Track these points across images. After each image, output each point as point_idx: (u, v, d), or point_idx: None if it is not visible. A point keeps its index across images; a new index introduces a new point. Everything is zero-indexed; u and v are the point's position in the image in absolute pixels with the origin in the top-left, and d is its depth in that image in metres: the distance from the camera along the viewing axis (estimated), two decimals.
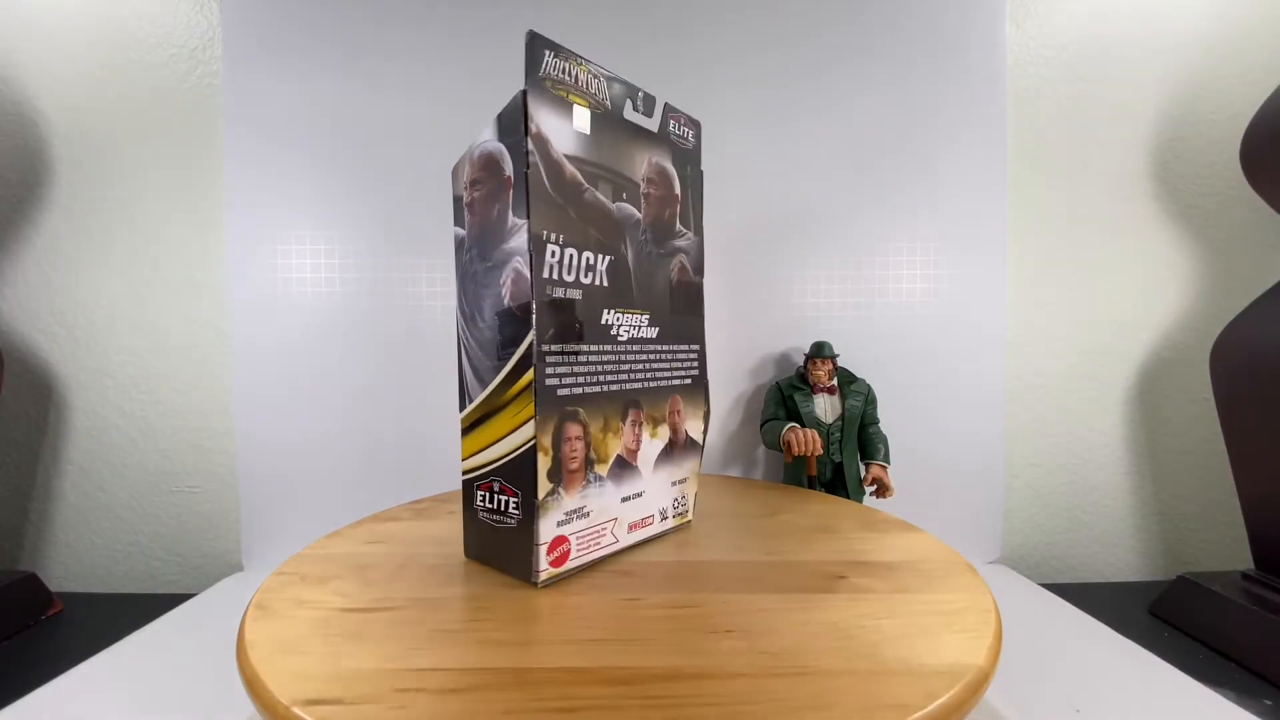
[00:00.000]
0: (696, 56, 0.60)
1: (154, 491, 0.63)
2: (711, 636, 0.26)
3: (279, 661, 0.24)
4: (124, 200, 0.61)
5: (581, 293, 0.31)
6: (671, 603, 0.29)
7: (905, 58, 0.61)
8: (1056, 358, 0.66)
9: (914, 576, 0.33)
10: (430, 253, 0.60)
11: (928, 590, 0.31)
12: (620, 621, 0.27)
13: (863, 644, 0.26)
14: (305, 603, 0.30)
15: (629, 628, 0.26)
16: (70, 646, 0.47)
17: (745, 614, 0.28)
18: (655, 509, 0.36)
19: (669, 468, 0.37)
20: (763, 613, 0.28)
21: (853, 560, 0.35)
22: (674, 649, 0.25)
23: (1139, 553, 0.67)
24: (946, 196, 0.62)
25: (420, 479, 0.59)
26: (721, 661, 0.24)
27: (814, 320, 0.62)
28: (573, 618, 0.27)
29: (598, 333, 0.32)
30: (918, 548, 0.37)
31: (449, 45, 0.60)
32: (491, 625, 0.27)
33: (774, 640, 0.26)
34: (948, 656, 0.24)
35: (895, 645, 0.25)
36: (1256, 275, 0.64)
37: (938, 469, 0.62)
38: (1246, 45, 0.64)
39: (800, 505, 0.46)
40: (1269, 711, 0.39)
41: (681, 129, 0.37)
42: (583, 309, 0.31)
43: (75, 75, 0.60)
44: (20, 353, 0.61)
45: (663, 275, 0.36)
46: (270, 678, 0.23)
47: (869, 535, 0.39)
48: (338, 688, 0.22)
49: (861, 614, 0.28)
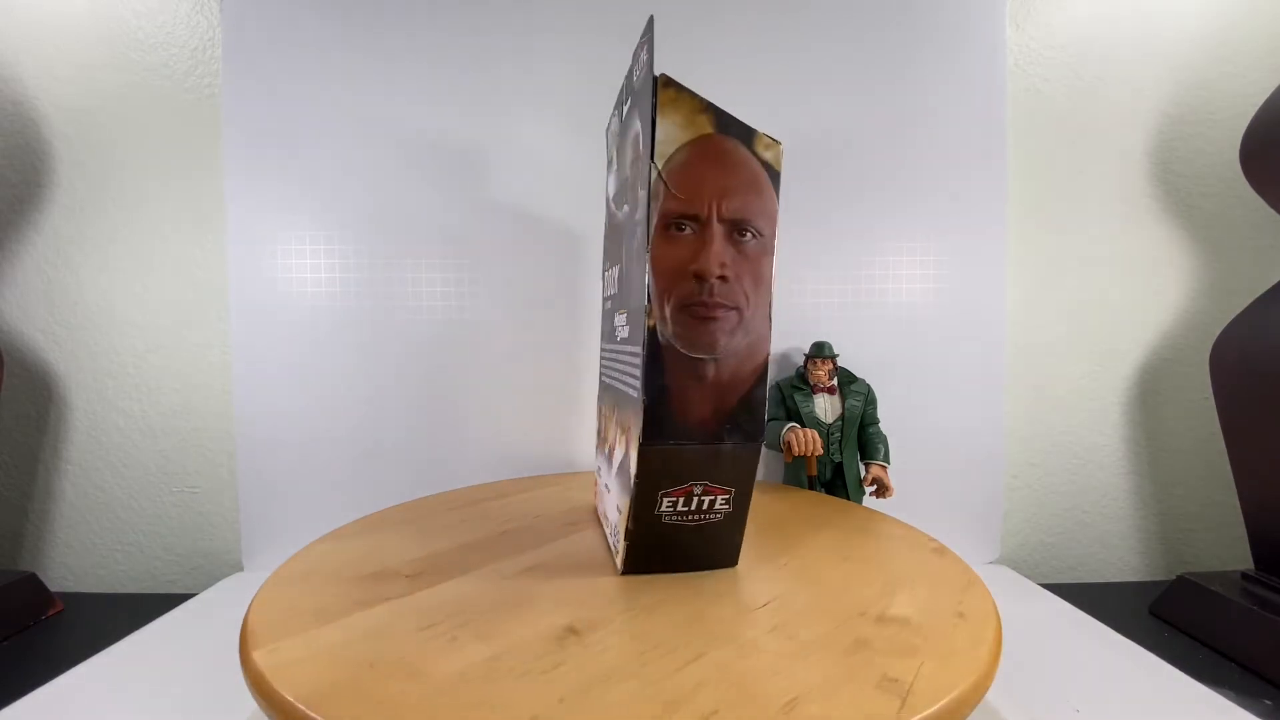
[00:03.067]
0: (693, 56, 0.60)
1: (154, 491, 0.63)
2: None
3: (282, 658, 0.24)
4: (124, 200, 0.61)
5: (609, 302, 0.34)
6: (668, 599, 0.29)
7: (905, 57, 0.61)
8: (1056, 358, 0.66)
9: (914, 576, 0.33)
10: (430, 253, 0.60)
11: (928, 590, 0.31)
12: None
13: (864, 645, 0.26)
14: (306, 602, 0.30)
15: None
16: (70, 646, 0.47)
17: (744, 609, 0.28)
18: (612, 526, 0.34)
19: (617, 489, 0.33)
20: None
21: (853, 560, 0.35)
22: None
23: (1139, 553, 0.67)
24: (946, 196, 0.62)
25: (420, 479, 0.59)
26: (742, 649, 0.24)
27: (814, 320, 0.62)
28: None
29: (608, 334, 0.35)
30: (917, 548, 0.37)
31: (450, 45, 0.60)
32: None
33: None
34: (949, 657, 0.24)
35: (895, 644, 0.25)
36: (1256, 275, 0.64)
37: (938, 469, 0.62)
38: (1246, 45, 0.64)
39: (800, 504, 0.46)
40: (1269, 711, 0.39)
41: (640, 65, 0.31)
42: (605, 318, 0.34)
43: (75, 75, 0.60)
44: (20, 353, 0.61)
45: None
46: (273, 674, 0.23)
47: (868, 535, 0.39)
48: (343, 685, 0.22)
49: (861, 614, 0.28)
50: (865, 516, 0.43)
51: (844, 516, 0.43)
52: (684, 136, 0.26)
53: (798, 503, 0.47)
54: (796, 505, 0.46)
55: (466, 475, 0.59)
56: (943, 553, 0.36)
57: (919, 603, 0.29)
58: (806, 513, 0.44)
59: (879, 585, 0.31)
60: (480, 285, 0.61)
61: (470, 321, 0.61)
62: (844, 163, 0.62)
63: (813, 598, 0.30)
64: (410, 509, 0.45)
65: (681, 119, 0.26)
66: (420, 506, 0.46)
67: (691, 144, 0.26)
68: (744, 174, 0.24)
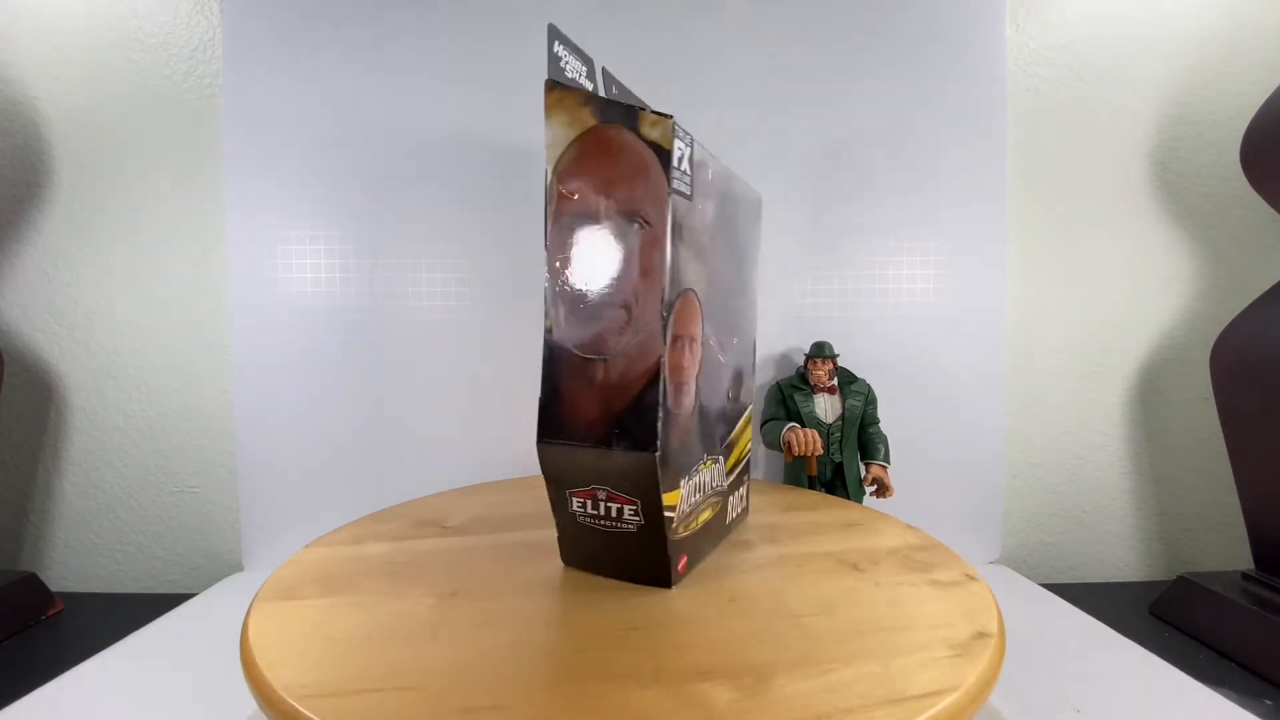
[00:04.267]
0: (690, 55, 0.60)
1: (154, 491, 0.63)
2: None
3: (283, 658, 0.24)
4: (124, 200, 0.61)
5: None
6: None
7: (905, 57, 0.61)
8: (1056, 358, 0.66)
9: (914, 577, 0.33)
10: (431, 253, 0.60)
11: (929, 591, 0.31)
12: None
13: (865, 646, 0.26)
14: (307, 603, 0.30)
15: None
16: (70, 646, 0.47)
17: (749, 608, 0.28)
18: None
19: None
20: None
21: (853, 561, 0.35)
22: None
23: (1139, 553, 0.67)
24: (947, 196, 0.62)
25: (421, 478, 0.59)
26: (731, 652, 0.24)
27: (814, 320, 0.62)
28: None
29: None
30: (918, 548, 0.37)
31: (450, 45, 0.60)
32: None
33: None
34: (951, 658, 0.24)
35: (897, 647, 0.25)
36: (1256, 275, 0.64)
37: (938, 469, 0.62)
38: (1247, 45, 0.64)
39: (799, 504, 0.46)
40: (1269, 711, 0.39)
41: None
42: None
43: (75, 75, 0.60)
44: (20, 353, 0.61)
45: None
46: (274, 674, 0.23)
47: (869, 535, 0.39)
48: (342, 685, 0.22)
49: (863, 616, 0.28)
50: (865, 516, 0.43)
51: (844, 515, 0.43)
52: (570, 134, 0.26)
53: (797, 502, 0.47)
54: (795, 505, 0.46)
55: (467, 475, 0.59)
56: (943, 552, 0.36)
57: (920, 603, 0.29)
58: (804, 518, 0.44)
59: (879, 586, 0.31)
60: (480, 285, 0.61)
61: (471, 321, 0.61)
62: (844, 162, 0.62)
63: None
64: (410, 508, 0.45)
65: (567, 117, 0.26)
66: (420, 506, 0.46)
67: (578, 140, 0.25)
68: (626, 161, 0.24)
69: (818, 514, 0.43)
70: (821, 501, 0.47)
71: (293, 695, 0.22)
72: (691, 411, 0.29)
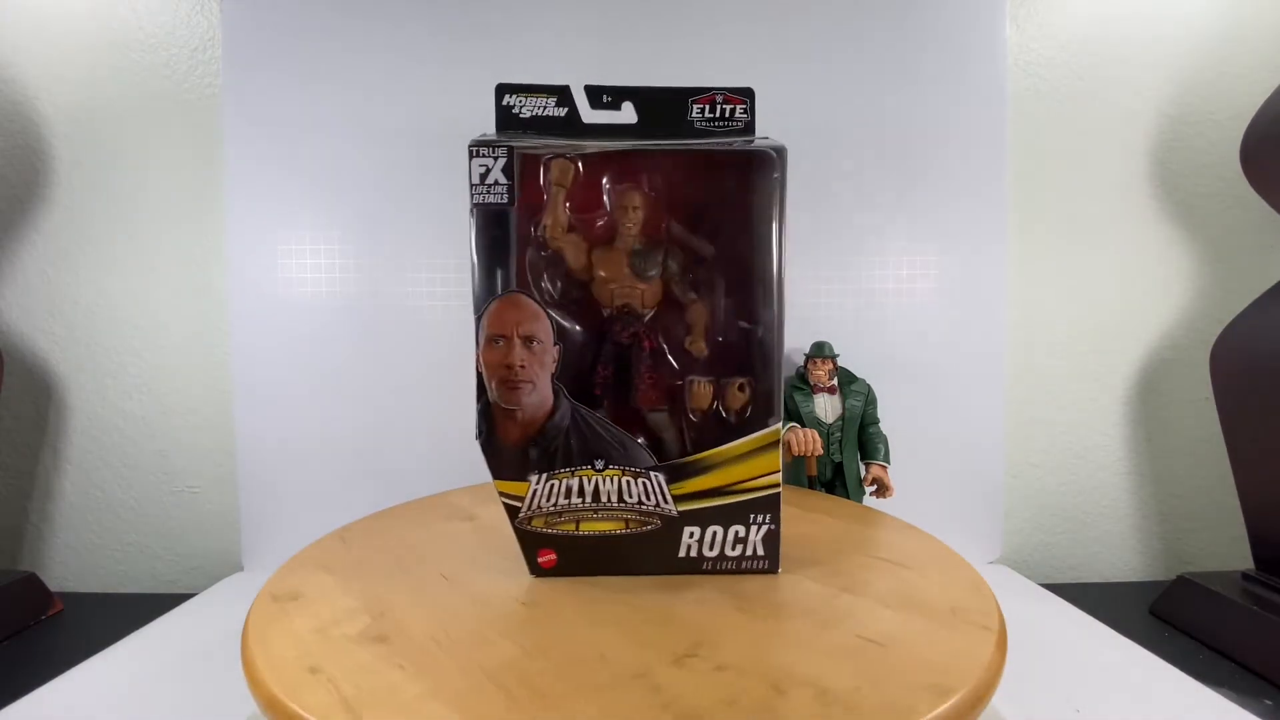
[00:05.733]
0: (687, 54, 0.60)
1: (154, 491, 0.63)
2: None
3: (283, 658, 0.24)
4: (124, 200, 0.61)
5: None
6: None
7: (904, 57, 0.61)
8: (1056, 358, 0.66)
9: (914, 577, 0.33)
10: (431, 252, 0.60)
11: (929, 591, 0.31)
12: None
13: (865, 645, 0.26)
14: (306, 604, 0.30)
15: None
16: (70, 646, 0.47)
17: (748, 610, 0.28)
18: None
19: None
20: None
21: (852, 561, 0.35)
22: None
23: (1139, 553, 0.67)
24: (946, 196, 0.62)
25: (421, 478, 0.59)
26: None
27: (814, 320, 0.62)
28: None
29: None
30: (917, 548, 0.37)
31: (450, 44, 0.60)
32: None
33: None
34: (952, 659, 0.24)
35: (898, 647, 0.25)
36: (1256, 275, 0.64)
37: (938, 469, 0.62)
38: (1247, 45, 0.64)
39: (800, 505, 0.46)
40: (1269, 711, 0.39)
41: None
42: None
43: (75, 75, 0.60)
44: (20, 353, 0.61)
45: None
46: (273, 677, 0.23)
47: (868, 535, 0.39)
48: (341, 687, 0.22)
49: (863, 616, 0.28)
50: (865, 515, 0.43)
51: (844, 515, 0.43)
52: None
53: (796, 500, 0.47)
54: None
55: (467, 475, 0.59)
56: (943, 552, 0.36)
57: (920, 603, 0.29)
58: None
59: (879, 586, 0.31)
60: None
61: (471, 321, 0.61)
62: (844, 163, 0.62)
63: None
64: (411, 509, 0.45)
65: None
66: (420, 507, 0.46)
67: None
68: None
69: None
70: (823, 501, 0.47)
71: (292, 699, 0.22)
72: (546, 412, 0.32)
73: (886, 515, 0.44)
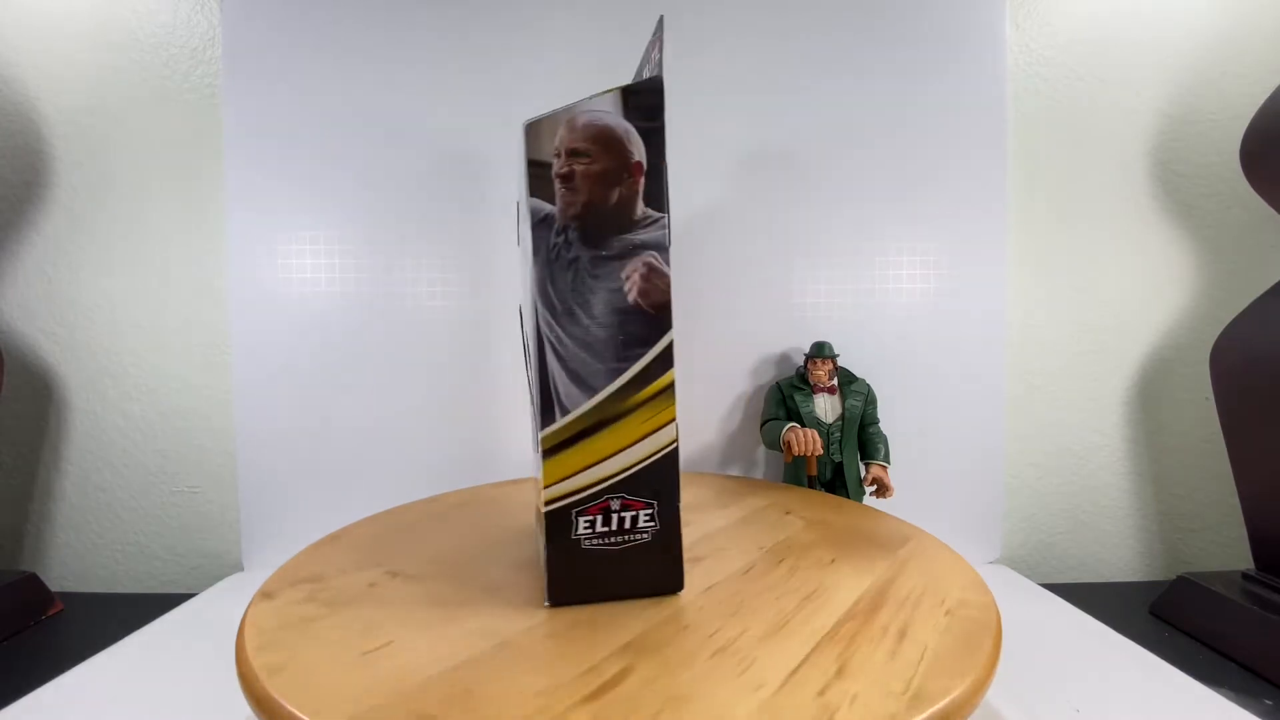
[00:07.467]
0: (692, 54, 0.60)
1: (154, 491, 0.63)
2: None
3: (277, 663, 0.24)
4: (124, 200, 0.61)
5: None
6: None
7: (905, 57, 0.61)
8: (1056, 358, 0.66)
9: (914, 577, 0.33)
10: (431, 252, 0.60)
11: (928, 591, 0.31)
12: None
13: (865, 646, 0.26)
14: (303, 605, 0.30)
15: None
16: (70, 646, 0.47)
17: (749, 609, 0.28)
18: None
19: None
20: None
21: (853, 561, 0.35)
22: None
23: (1139, 553, 0.67)
24: (946, 196, 0.62)
25: (422, 479, 0.59)
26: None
27: (814, 320, 0.62)
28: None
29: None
30: (917, 548, 0.37)
31: (451, 44, 0.60)
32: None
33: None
34: (949, 658, 0.24)
35: (898, 647, 0.25)
36: (1256, 275, 0.64)
37: (938, 469, 0.62)
38: (1247, 46, 0.64)
39: (800, 504, 0.46)
40: (1269, 711, 0.39)
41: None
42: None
43: (75, 75, 0.60)
44: (20, 353, 0.61)
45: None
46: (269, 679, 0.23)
47: (868, 535, 0.39)
48: (339, 689, 0.22)
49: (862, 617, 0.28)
50: (865, 515, 0.43)
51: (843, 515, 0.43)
52: None
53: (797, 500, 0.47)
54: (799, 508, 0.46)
55: (468, 475, 0.59)
56: (943, 552, 0.36)
57: (920, 603, 0.29)
58: None
59: (879, 586, 0.31)
60: (481, 285, 0.61)
61: (471, 321, 0.61)
62: (844, 163, 0.62)
63: None
64: (409, 510, 0.45)
65: None
66: (419, 508, 0.46)
67: None
68: None
69: None
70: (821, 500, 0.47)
71: (289, 699, 0.22)
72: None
73: (887, 515, 0.44)
